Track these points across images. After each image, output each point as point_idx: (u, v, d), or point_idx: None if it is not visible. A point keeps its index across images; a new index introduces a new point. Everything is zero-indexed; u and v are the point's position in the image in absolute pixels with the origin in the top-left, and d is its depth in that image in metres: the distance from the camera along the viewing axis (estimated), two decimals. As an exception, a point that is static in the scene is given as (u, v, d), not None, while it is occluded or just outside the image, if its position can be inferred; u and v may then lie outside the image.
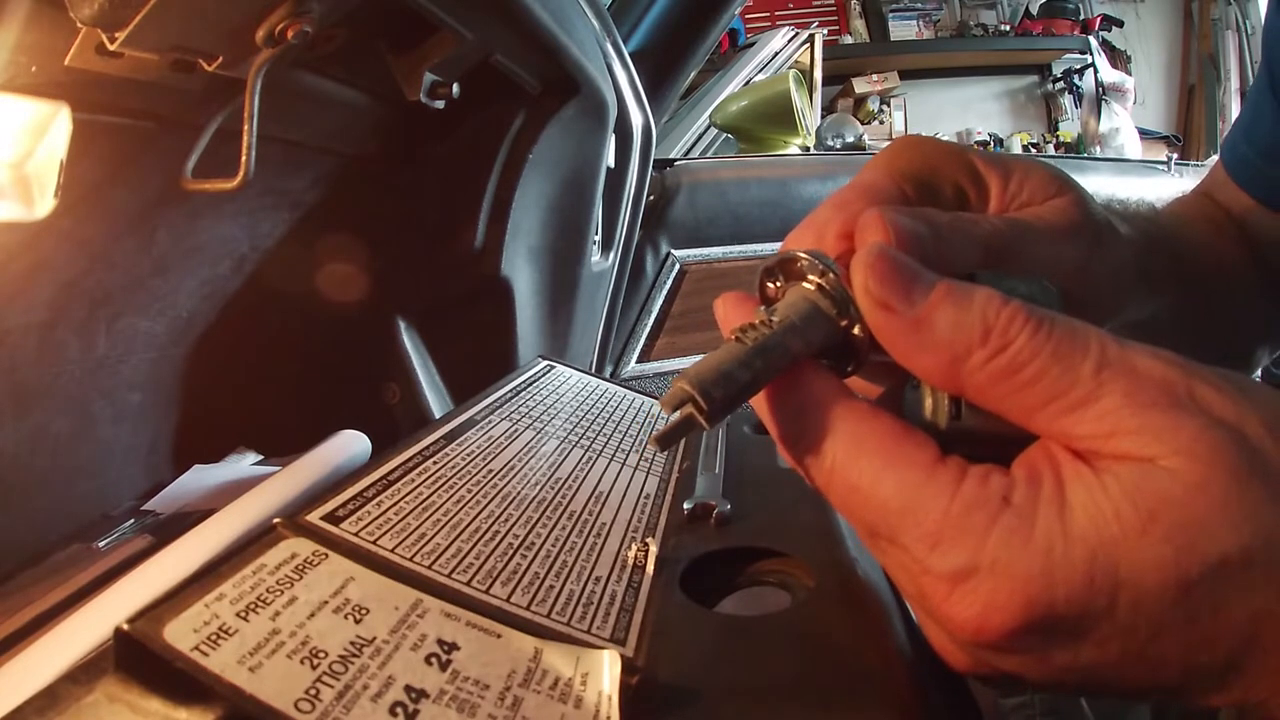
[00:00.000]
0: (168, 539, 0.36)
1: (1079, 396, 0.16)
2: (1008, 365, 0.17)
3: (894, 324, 0.18)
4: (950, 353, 0.17)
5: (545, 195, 0.65)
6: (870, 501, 0.18)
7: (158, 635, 0.17)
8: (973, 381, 0.17)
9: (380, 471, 0.28)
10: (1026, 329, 0.17)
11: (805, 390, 0.19)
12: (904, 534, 0.17)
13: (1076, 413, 0.16)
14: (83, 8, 0.29)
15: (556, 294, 0.71)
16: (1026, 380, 0.17)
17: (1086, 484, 0.16)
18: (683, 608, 0.24)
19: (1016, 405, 0.17)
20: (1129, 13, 3.48)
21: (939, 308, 0.17)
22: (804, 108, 1.48)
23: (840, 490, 0.18)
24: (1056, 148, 3.33)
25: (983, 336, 0.17)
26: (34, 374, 0.43)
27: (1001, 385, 0.17)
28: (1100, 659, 0.16)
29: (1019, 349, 0.17)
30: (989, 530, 0.16)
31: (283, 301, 0.59)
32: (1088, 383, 0.16)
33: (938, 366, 0.18)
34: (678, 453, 0.38)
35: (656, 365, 0.96)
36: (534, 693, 0.19)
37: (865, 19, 3.42)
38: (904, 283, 0.18)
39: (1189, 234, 0.38)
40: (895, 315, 0.18)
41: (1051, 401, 0.17)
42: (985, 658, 0.18)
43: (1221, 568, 0.15)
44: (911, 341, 0.18)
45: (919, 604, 0.19)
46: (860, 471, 0.18)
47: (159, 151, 0.41)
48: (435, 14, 0.44)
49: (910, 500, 0.17)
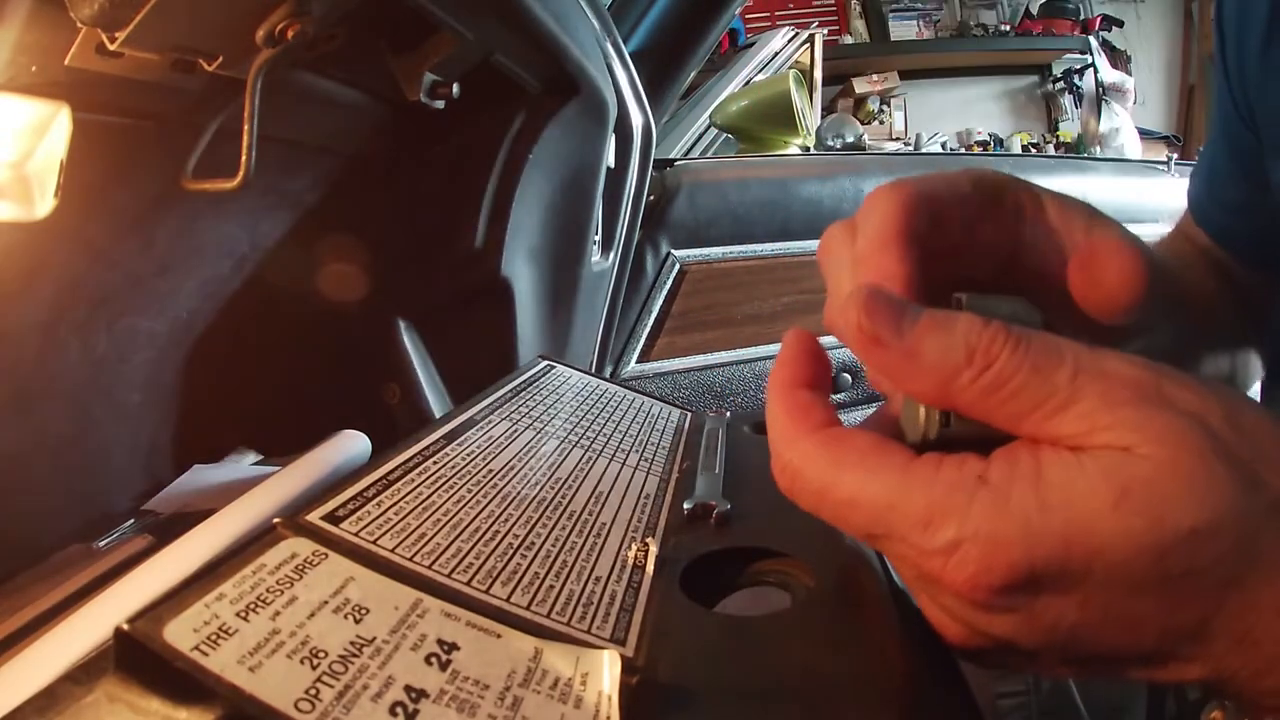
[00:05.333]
0: (168, 539, 0.36)
1: (1059, 402, 0.18)
2: (992, 381, 0.18)
3: (887, 356, 0.19)
4: (940, 375, 0.19)
5: (545, 195, 0.65)
6: (861, 509, 0.20)
7: (158, 635, 0.17)
8: (962, 399, 0.19)
9: (380, 471, 0.28)
10: (1007, 347, 0.18)
11: (780, 427, 0.21)
12: (897, 527, 0.19)
13: (1057, 417, 0.18)
14: (83, 8, 0.29)
15: (557, 294, 0.71)
16: (1010, 393, 0.18)
17: (1064, 463, 0.18)
18: (683, 608, 0.24)
19: (1003, 416, 0.19)
20: (1129, 13, 3.48)
21: (925, 337, 0.19)
22: (804, 108, 1.48)
23: (831, 508, 0.20)
24: (1056, 148, 3.32)
25: (967, 358, 0.19)
26: (34, 374, 0.43)
27: (988, 400, 0.19)
28: (1083, 619, 0.18)
29: (1001, 366, 0.18)
30: (969, 505, 0.18)
31: (283, 301, 0.59)
32: (1065, 389, 0.18)
33: (930, 389, 0.19)
34: (678, 452, 0.38)
35: (656, 365, 0.96)
36: (534, 693, 0.19)
37: (865, 19, 3.42)
38: (893, 318, 0.19)
39: (1176, 265, 0.40)
40: (887, 348, 0.19)
41: (1035, 409, 0.18)
42: (981, 623, 0.20)
43: (1192, 537, 0.17)
44: (904, 369, 0.19)
45: (922, 586, 0.21)
46: (845, 486, 0.20)
47: (159, 151, 0.41)
48: (435, 14, 0.44)
49: (896, 497, 0.19)
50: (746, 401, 1.02)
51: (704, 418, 0.43)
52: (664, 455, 0.38)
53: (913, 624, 0.25)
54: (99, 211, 0.41)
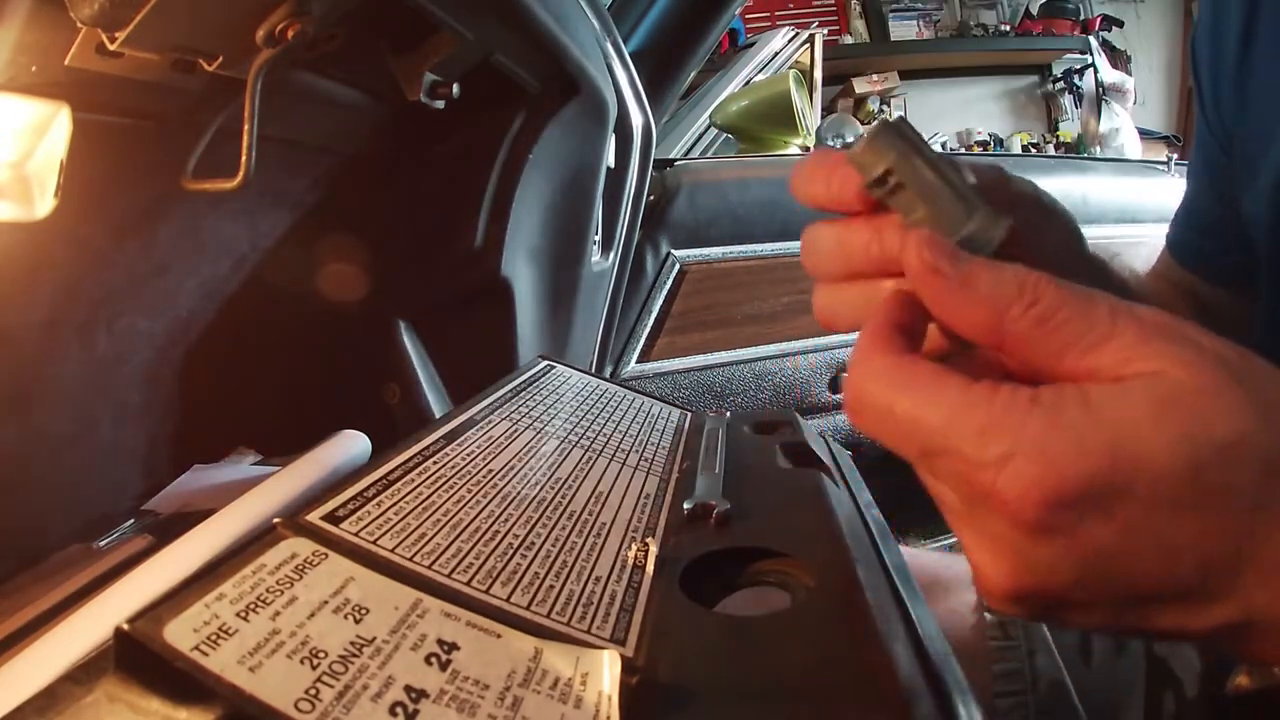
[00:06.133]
0: (168, 539, 0.36)
1: (1100, 334, 0.20)
2: (1040, 314, 0.21)
3: (944, 284, 0.22)
4: (993, 305, 0.21)
5: (545, 195, 0.65)
6: (922, 426, 0.21)
7: (158, 635, 0.17)
8: (1013, 330, 0.21)
9: (380, 471, 0.28)
10: (1051, 285, 0.21)
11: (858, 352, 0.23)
12: (954, 439, 0.20)
13: (1098, 349, 0.20)
14: (83, 8, 0.29)
15: (556, 294, 0.71)
16: (1056, 325, 0.20)
17: (1107, 386, 0.20)
18: (683, 608, 0.24)
19: (1049, 348, 0.21)
20: (1129, 13, 3.48)
21: (980, 272, 0.21)
22: (804, 108, 1.48)
23: (894, 425, 0.21)
24: (1056, 148, 3.32)
25: (1019, 291, 0.21)
26: (34, 374, 0.43)
27: (1036, 330, 0.21)
28: (1124, 545, 0.19)
29: (1049, 301, 0.20)
30: (1025, 422, 0.19)
31: (283, 301, 0.58)
32: (1105, 323, 0.20)
33: (983, 319, 0.21)
34: (678, 452, 0.38)
35: (656, 365, 0.96)
36: (534, 693, 0.19)
37: (865, 19, 3.42)
38: (950, 253, 0.22)
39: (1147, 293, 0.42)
40: (944, 277, 0.22)
41: (1078, 340, 0.20)
42: (1027, 549, 0.20)
43: (1226, 450, 0.18)
44: (959, 298, 0.21)
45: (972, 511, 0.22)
46: (906, 404, 0.21)
47: (159, 151, 0.41)
48: (435, 14, 0.44)
49: (956, 413, 0.20)
50: (746, 401, 1.02)
51: (704, 418, 0.43)
52: (664, 455, 0.38)
53: (913, 624, 0.25)
54: (99, 211, 0.41)
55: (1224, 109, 0.45)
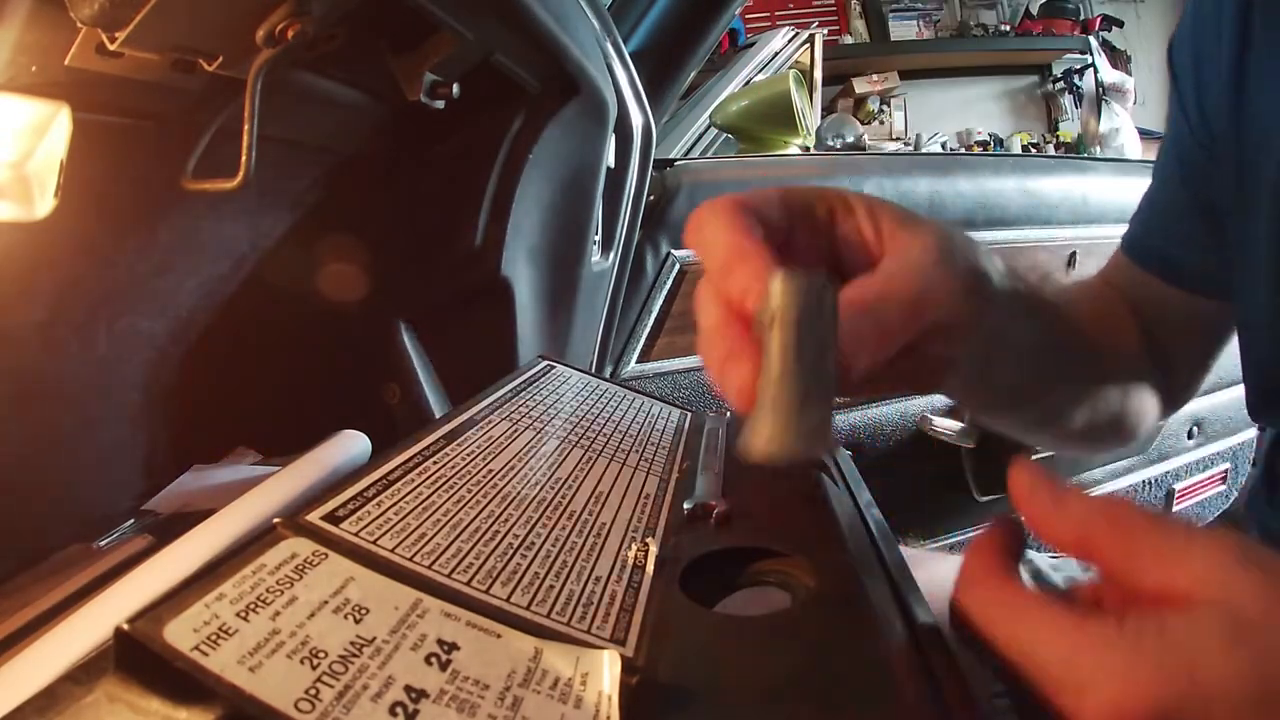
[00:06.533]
0: (168, 539, 0.36)
1: (1176, 557, 0.22)
2: (1123, 541, 0.23)
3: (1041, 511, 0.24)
4: (1083, 530, 0.24)
5: (545, 195, 0.65)
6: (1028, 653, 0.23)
7: (158, 635, 0.17)
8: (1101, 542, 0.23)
9: (380, 471, 0.28)
10: (1135, 510, 0.23)
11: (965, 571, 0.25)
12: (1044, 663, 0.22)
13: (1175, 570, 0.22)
14: (83, 8, 0.29)
15: (556, 294, 0.71)
16: (1136, 551, 0.23)
17: (1182, 614, 0.21)
18: (683, 608, 0.24)
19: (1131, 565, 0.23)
20: (1129, 13, 3.47)
21: (1073, 501, 0.24)
22: (804, 108, 1.48)
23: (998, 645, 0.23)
24: (1056, 148, 3.32)
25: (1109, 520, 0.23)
26: (34, 374, 0.43)
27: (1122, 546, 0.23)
28: None
29: (1133, 526, 0.23)
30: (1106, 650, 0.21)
31: (283, 301, 0.58)
32: (1182, 546, 0.22)
33: (1074, 540, 0.24)
34: (678, 452, 0.38)
35: (656, 365, 0.96)
36: (534, 693, 0.19)
37: (865, 19, 3.42)
38: (1049, 482, 0.25)
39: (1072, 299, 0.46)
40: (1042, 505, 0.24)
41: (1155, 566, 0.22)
42: None
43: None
44: (1055, 522, 0.24)
45: None
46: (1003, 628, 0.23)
47: (159, 151, 0.41)
48: (435, 14, 0.44)
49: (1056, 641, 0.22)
50: (746, 401, 1.02)
51: (704, 418, 0.43)
52: (664, 455, 0.38)
53: (913, 624, 0.25)
54: (99, 211, 0.41)
55: (1212, 115, 0.45)
